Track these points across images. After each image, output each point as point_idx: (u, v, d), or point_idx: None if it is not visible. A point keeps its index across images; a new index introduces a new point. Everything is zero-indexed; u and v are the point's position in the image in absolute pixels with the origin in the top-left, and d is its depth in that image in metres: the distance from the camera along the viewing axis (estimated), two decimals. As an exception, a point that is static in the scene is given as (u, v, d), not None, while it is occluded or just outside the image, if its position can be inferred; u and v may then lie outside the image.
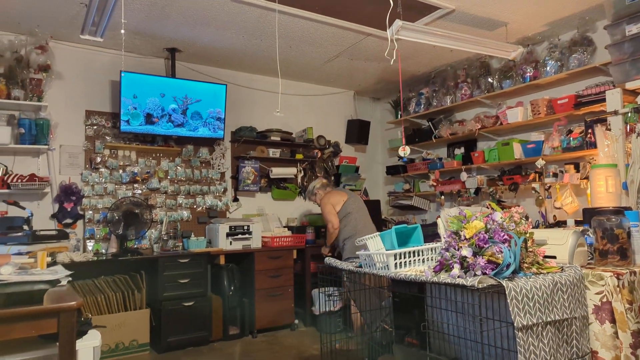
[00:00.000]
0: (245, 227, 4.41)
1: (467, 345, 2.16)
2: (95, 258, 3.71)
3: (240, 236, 4.36)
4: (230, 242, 4.31)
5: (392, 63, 3.26)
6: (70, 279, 2.03)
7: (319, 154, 5.41)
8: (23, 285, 1.73)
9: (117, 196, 4.21)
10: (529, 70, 4.11)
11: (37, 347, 1.84)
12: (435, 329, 2.30)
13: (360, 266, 2.44)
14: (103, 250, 4.01)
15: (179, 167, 4.60)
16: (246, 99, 5.09)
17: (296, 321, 4.55)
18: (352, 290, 2.88)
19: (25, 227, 3.41)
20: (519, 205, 2.09)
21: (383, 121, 6.13)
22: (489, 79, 4.51)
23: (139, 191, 4.37)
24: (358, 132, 5.74)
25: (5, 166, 3.75)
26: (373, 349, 2.76)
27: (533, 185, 3.97)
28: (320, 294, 4.21)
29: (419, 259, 2.19)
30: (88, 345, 1.99)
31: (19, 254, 2.77)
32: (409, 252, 2.17)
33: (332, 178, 5.60)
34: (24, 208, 3.46)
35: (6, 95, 3.65)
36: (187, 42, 4.17)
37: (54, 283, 1.85)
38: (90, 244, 4.05)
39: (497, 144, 4.38)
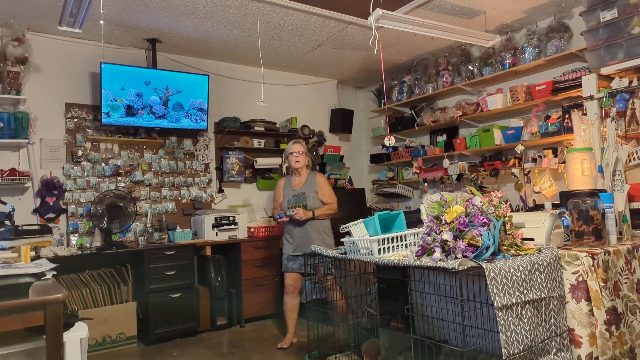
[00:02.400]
0: (231, 218, 4.42)
1: (450, 327, 2.22)
2: (80, 252, 3.68)
3: (226, 227, 4.37)
4: (216, 233, 4.31)
5: (375, 52, 3.28)
6: (55, 272, 2.02)
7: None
8: (8, 279, 1.72)
9: (100, 189, 4.17)
10: (508, 57, 4.17)
11: (24, 340, 1.84)
12: (420, 312, 2.36)
13: (345, 253, 2.48)
14: (87, 245, 3.97)
15: (162, 159, 4.57)
16: (229, 90, 5.06)
17: (284, 310, 4.58)
18: (338, 277, 2.92)
19: (7, 222, 3.37)
20: (499, 190, 2.15)
21: (366, 110, 6.16)
22: (470, 67, 4.56)
23: (123, 184, 4.33)
24: (342, 121, 5.76)
25: (-17, 161, 3.69)
26: (359, 334, 2.81)
27: (513, 170, 4.06)
28: (307, 282, 4.25)
29: (402, 244, 2.24)
30: (75, 337, 2.00)
31: (2, 249, 2.74)
32: (392, 238, 2.21)
33: (317, 167, 5.62)
34: (5, 203, 3.41)
35: (-18, 89, 3.58)
36: (167, 33, 4.12)
37: (39, 276, 1.85)
38: (74, 238, 4.01)
39: (478, 131, 4.45)
